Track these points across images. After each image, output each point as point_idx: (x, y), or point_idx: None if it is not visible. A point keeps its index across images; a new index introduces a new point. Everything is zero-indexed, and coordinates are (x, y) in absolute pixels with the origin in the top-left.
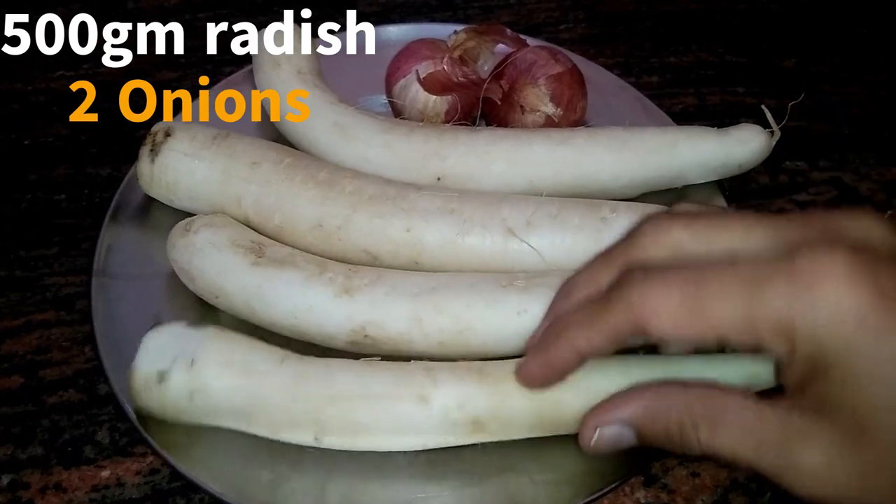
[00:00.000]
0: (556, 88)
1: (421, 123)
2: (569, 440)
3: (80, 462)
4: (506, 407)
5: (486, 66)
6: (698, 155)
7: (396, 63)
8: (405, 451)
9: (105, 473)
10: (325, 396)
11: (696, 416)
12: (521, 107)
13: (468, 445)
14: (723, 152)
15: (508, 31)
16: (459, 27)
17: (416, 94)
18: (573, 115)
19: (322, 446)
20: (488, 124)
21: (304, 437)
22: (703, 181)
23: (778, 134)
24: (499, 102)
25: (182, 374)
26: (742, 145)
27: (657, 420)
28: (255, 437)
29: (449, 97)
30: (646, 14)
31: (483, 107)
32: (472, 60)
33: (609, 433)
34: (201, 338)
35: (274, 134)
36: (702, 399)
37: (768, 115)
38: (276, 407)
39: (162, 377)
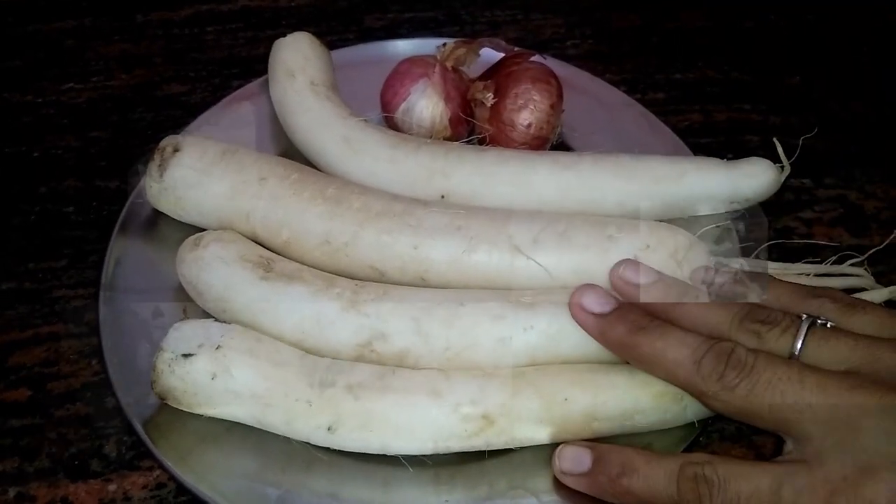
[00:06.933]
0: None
1: (429, 140)
2: None
3: (87, 475)
4: (515, 402)
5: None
6: (705, 187)
7: (391, 87)
8: (412, 466)
9: (112, 487)
10: (342, 386)
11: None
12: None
13: (475, 461)
14: (730, 186)
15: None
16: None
17: (422, 113)
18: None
19: (334, 443)
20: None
21: (318, 427)
22: (710, 213)
23: (788, 169)
24: (487, 104)
25: (207, 355)
26: (750, 180)
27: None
28: (263, 451)
29: (450, 108)
30: (652, 31)
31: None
32: (463, 66)
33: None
34: (228, 329)
35: (283, 147)
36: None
37: (780, 149)
38: (295, 393)
39: (188, 357)
